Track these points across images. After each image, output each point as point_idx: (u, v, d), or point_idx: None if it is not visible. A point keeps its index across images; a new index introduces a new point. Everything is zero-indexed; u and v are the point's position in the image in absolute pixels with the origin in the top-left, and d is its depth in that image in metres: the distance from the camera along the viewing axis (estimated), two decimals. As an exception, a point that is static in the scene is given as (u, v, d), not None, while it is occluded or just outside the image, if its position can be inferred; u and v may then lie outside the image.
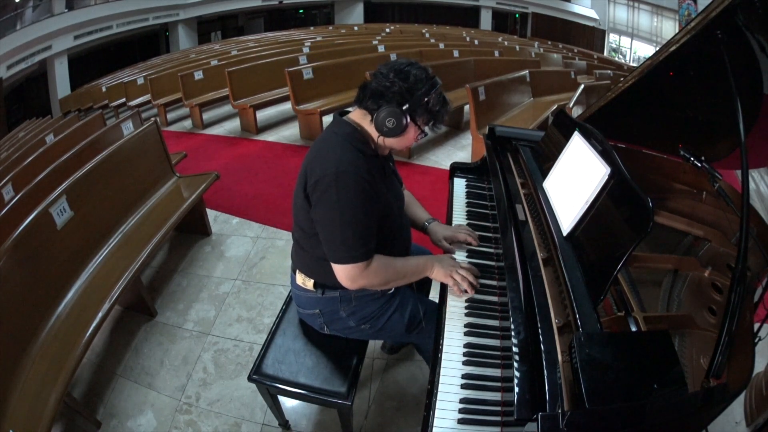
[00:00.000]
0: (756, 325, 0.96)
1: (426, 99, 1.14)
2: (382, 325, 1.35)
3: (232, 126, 5.13)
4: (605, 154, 1.11)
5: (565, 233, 1.12)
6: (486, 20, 18.28)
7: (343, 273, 1.17)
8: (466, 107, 4.14)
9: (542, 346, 0.87)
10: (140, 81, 7.03)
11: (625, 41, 16.33)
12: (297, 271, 1.36)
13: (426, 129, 1.20)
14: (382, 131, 1.15)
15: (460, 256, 1.39)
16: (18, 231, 1.67)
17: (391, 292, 1.35)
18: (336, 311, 1.34)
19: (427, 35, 10.35)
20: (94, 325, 1.67)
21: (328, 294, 1.32)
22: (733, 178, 1.98)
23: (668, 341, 0.83)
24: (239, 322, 2.17)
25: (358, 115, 1.21)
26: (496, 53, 7.16)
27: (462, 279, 1.23)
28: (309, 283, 1.32)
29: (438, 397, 0.99)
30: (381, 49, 6.52)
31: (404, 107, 1.12)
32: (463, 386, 1.01)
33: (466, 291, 1.22)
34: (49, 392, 1.44)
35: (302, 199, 1.18)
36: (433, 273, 1.28)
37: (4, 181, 2.76)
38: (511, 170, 1.52)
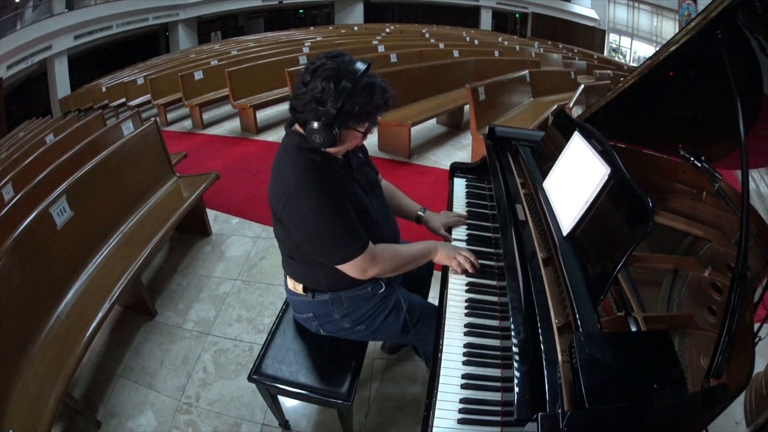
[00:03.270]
0: (756, 325, 0.96)
1: (342, 109, 1.03)
2: (378, 325, 1.35)
3: (232, 126, 5.13)
4: (605, 154, 1.11)
5: (565, 233, 1.12)
6: (486, 20, 18.28)
7: (351, 269, 1.19)
8: (466, 107, 4.14)
9: (542, 346, 0.87)
10: (140, 81, 7.03)
11: (625, 41, 16.32)
12: (287, 275, 1.36)
13: (365, 129, 1.12)
14: (318, 145, 1.09)
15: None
16: (18, 231, 1.67)
17: (382, 291, 1.34)
18: (329, 313, 1.34)
19: (427, 35, 10.35)
20: (94, 325, 1.67)
21: (319, 297, 1.32)
22: (733, 178, 1.97)
23: (668, 341, 0.83)
24: (239, 322, 2.17)
25: (298, 125, 1.15)
26: (496, 53, 7.16)
27: (465, 260, 1.28)
28: (299, 287, 1.33)
29: (438, 397, 0.99)
30: (381, 49, 6.53)
31: (323, 121, 1.04)
32: (463, 386, 1.01)
33: (467, 272, 1.28)
34: (49, 392, 1.44)
35: (276, 221, 1.19)
36: (437, 256, 1.32)
37: (4, 181, 2.76)
38: (511, 170, 1.52)
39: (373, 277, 1.25)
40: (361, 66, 1.05)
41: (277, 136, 4.64)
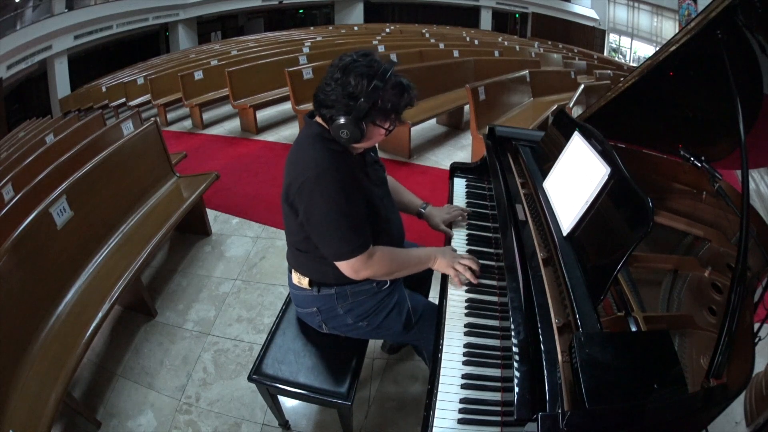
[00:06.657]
0: (756, 325, 0.96)
1: (373, 103, 1.07)
2: (380, 322, 1.35)
3: (232, 126, 5.13)
4: (605, 154, 1.11)
5: (565, 233, 1.12)
6: (486, 20, 18.28)
7: (347, 267, 1.19)
8: (466, 107, 4.14)
9: (542, 346, 0.87)
10: (140, 81, 7.03)
11: (625, 41, 16.33)
12: (293, 270, 1.36)
13: (390, 126, 1.15)
14: (341, 141, 1.12)
15: (460, 250, 1.39)
16: (18, 231, 1.67)
17: (387, 287, 1.34)
18: (333, 308, 1.34)
19: (427, 35, 10.35)
20: (94, 325, 1.67)
21: (324, 291, 1.32)
22: (733, 178, 1.97)
23: (668, 341, 0.83)
24: (239, 322, 2.17)
25: (321, 119, 1.18)
26: (496, 53, 7.16)
27: (464, 269, 1.25)
28: (304, 282, 1.33)
29: (438, 397, 0.99)
30: (381, 49, 6.52)
31: (354, 116, 1.07)
32: (463, 386, 1.01)
33: (468, 281, 1.25)
34: (49, 392, 1.44)
35: (287, 207, 1.19)
36: (435, 264, 1.30)
37: (4, 181, 2.76)
38: (511, 170, 1.52)
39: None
40: (390, 65, 1.10)
41: (277, 136, 4.64)
